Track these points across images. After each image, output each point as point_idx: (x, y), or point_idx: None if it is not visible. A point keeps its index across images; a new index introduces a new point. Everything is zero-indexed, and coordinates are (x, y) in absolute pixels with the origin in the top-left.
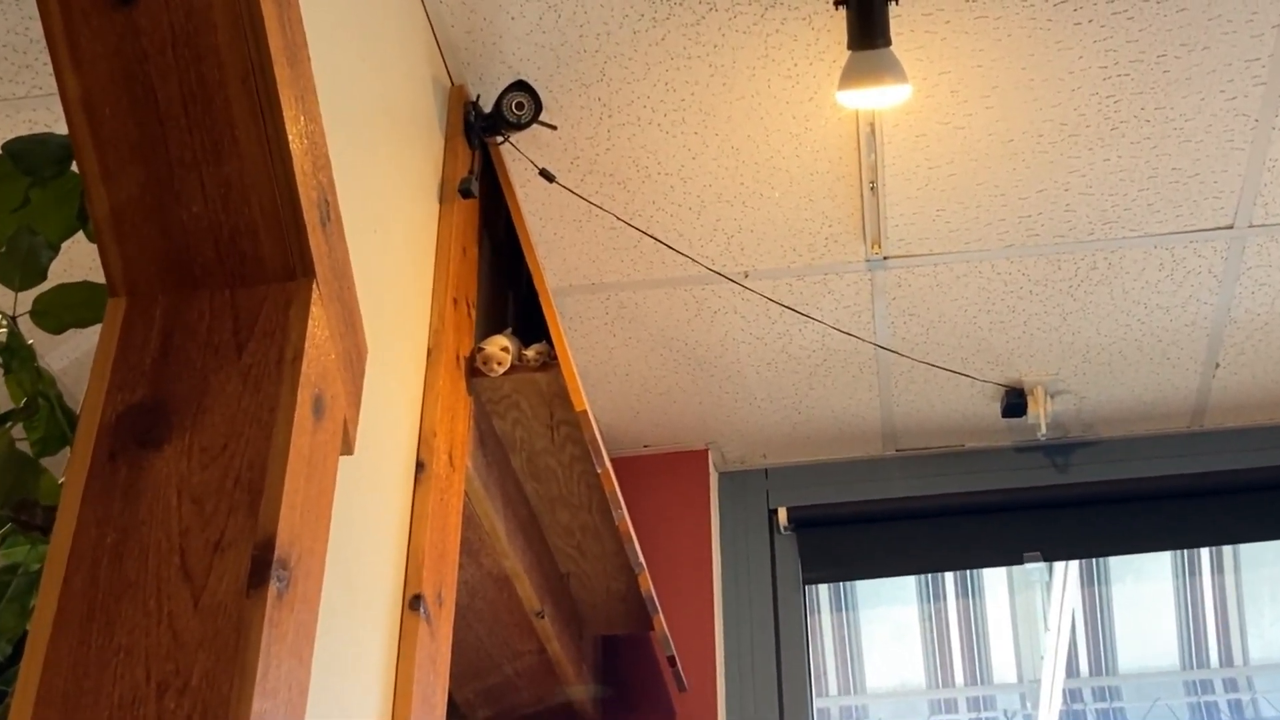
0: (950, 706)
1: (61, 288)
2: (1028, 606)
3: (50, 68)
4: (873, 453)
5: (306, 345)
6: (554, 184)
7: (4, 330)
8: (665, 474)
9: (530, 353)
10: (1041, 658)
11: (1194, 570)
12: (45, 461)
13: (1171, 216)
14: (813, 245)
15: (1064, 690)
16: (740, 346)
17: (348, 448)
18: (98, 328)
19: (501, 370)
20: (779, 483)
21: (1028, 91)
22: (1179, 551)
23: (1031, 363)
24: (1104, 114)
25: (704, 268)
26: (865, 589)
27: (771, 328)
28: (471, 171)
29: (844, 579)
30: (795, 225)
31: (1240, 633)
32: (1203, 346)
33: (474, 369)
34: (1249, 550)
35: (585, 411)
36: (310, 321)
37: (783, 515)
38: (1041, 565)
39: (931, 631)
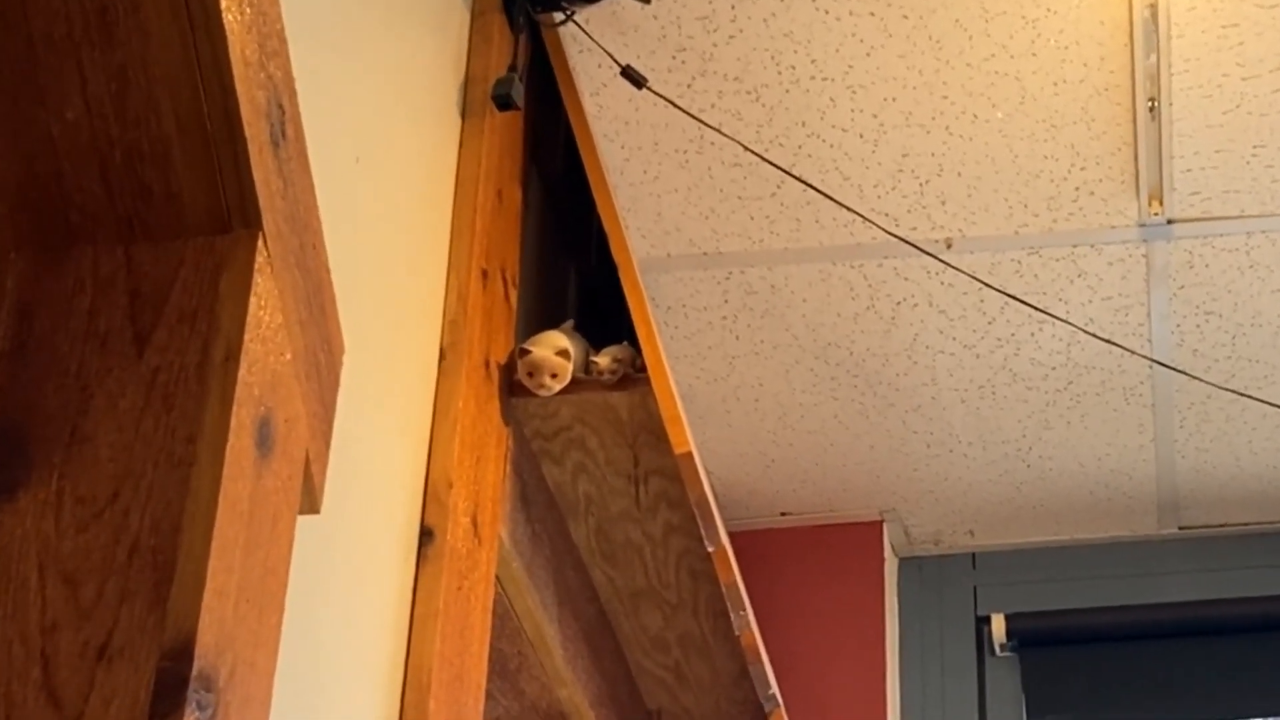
0: None
1: None
2: None
3: None
4: (1142, 531)
5: (247, 338)
6: (644, 91)
7: None
8: (815, 558)
9: (603, 360)
10: None
11: None
12: None
13: None
14: (1055, 199)
15: None
16: (937, 359)
17: (311, 502)
18: None
19: (558, 386)
20: (994, 575)
21: None
22: None
23: None
24: None
25: (882, 231)
26: None
27: (987, 329)
28: (514, 69)
29: None
30: (1028, 167)
31: None
32: None
33: (515, 383)
34: None
35: (689, 455)
36: (254, 300)
37: (999, 626)
38: None
39: None
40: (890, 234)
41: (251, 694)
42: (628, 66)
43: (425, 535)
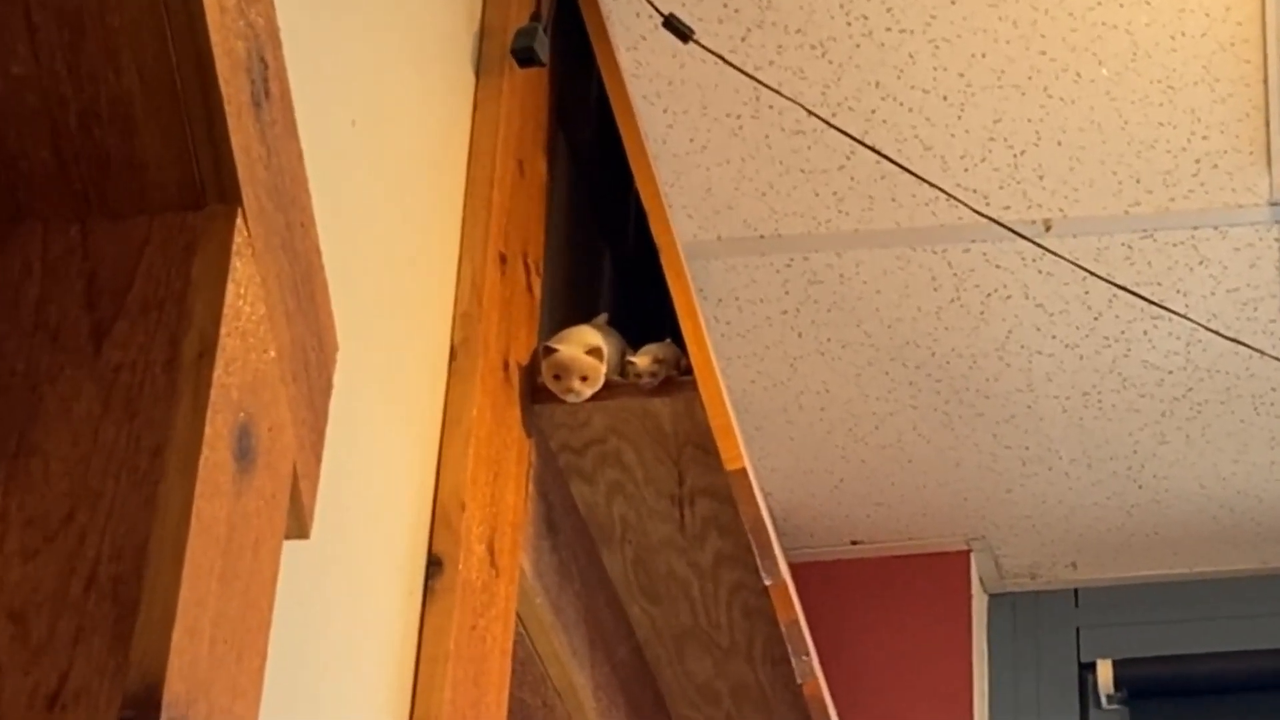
0: None
1: None
2: None
3: None
4: (1274, 564)
5: (224, 332)
6: (690, 45)
7: None
8: (891, 594)
9: (642, 360)
10: None
11: None
12: None
13: None
14: (1172, 175)
15: None
16: (1034, 361)
17: (299, 525)
18: None
19: (589, 391)
20: (1099, 615)
21: None
22: None
23: None
24: None
25: (969, 211)
26: None
27: (1093, 326)
28: (537, 18)
29: None
30: (1139, 136)
31: None
32: None
33: (538, 387)
34: None
35: (743, 471)
36: (231, 287)
37: (1105, 674)
38: None
39: None
40: (979, 214)
41: None
42: (671, 16)
43: (433, 565)
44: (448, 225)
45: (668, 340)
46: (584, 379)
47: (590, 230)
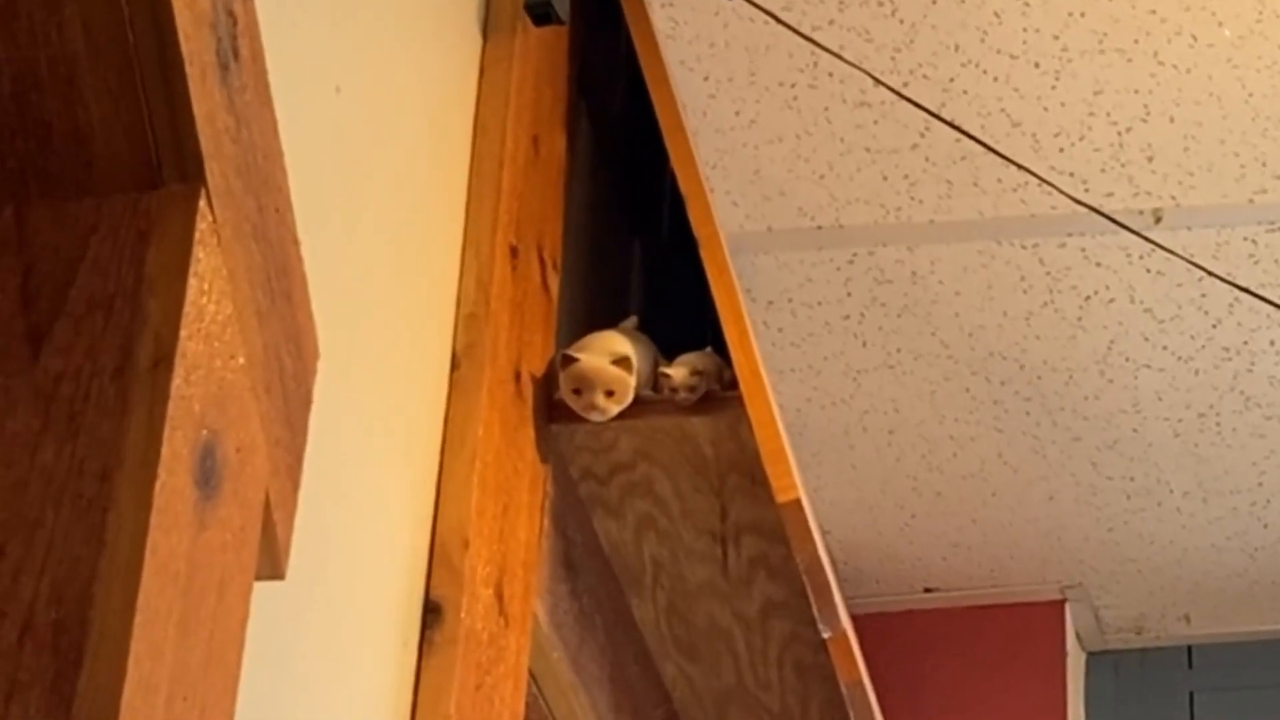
0: None
1: None
2: None
3: None
4: None
5: (184, 335)
6: (736, 0)
7: None
8: (972, 650)
9: (678, 372)
10: None
11: None
12: None
13: None
14: None
15: None
16: (1140, 376)
17: (273, 563)
18: None
19: (616, 408)
20: (1216, 676)
21: None
22: None
23: None
24: None
25: (1065, 199)
26: None
27: (1210, 335)
28: None
29: None
30: (1266, 111)
31: None
32: None
33: (556, 403)
34: None
35: (798, 503)
36: (193, 281)
37: None
38: None
39: None
40: (1077, 202)
41: None
42: None
43: (431, 612)
44: (449, 211)
45: (708, 349)
46: (609, 394)
47: (617, 219)
